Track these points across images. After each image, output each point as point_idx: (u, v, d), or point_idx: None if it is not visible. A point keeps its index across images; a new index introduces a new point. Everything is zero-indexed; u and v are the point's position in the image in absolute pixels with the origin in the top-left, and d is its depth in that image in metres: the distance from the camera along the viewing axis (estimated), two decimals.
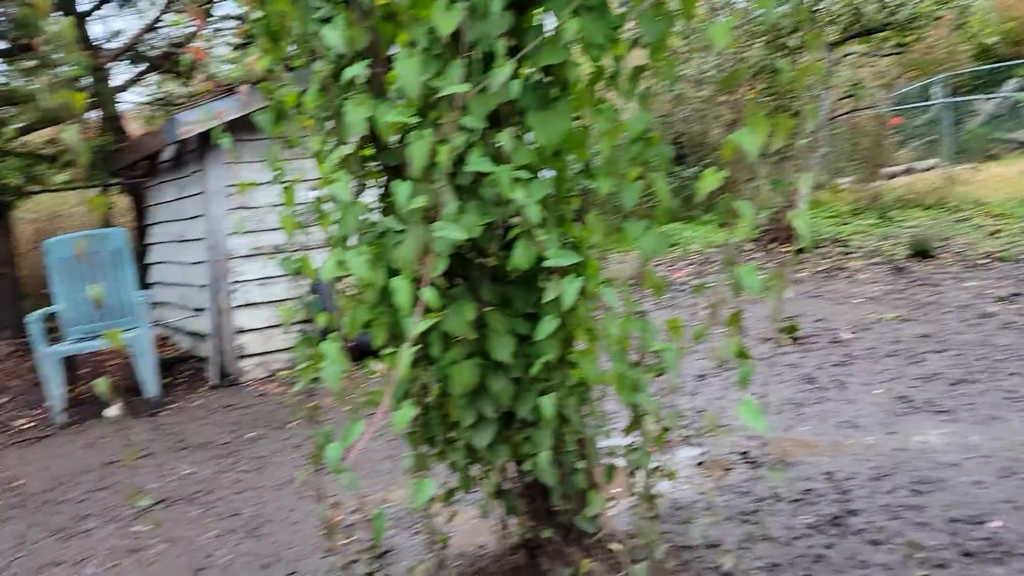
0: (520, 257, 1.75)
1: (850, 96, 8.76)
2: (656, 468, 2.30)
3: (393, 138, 2.05)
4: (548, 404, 1.94)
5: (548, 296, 1.75)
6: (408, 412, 1.60)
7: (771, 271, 1.82)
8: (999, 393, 3.97)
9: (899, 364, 4.63)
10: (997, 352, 4.61)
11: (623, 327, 1.87)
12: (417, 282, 1.84)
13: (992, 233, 8.55)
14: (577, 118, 2.00)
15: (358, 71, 1.66)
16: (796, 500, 3.08)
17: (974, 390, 4.07)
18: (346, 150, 1.76)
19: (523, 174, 1.69)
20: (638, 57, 2.02)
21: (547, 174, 2.07)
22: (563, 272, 1.84)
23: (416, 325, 1.59)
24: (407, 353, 1.54)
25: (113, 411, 2.04)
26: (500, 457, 2.32)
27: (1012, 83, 14.30)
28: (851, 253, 8.42)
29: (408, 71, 1.53)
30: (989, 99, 14.26)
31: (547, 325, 1.83)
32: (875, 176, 11.99)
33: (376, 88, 1.93)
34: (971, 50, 15.59)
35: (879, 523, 2.80)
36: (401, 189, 1.60)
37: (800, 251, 8.34)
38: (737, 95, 9.23)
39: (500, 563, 2.64)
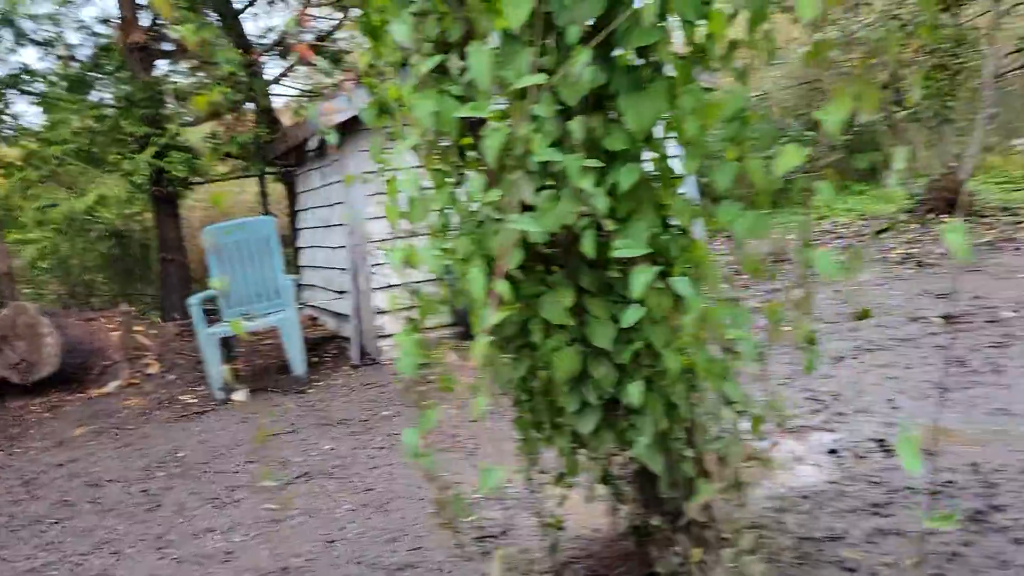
0: (589, 247, 1.73)
1: (1019, 51, 8.00)
2: (752, 457, 2.21)
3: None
4: (636, 391, 1.92)
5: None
6: (482, 403, 1.62)
7: (849, 251, 1.70)
8: None
9: None
10: None
11: (705, 315, 1.81)
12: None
13: None
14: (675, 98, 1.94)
15: (431, 64, 1.69)
16: (935, 492, 2.89)
17: None
18: (408, 143, 1.79)
19: (594, 163, 1.66)
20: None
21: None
22: (652, 261, 1.81)
23: (489, 317, 1.61)
24: (480, 344, 1.56)
25: (241, 395, 2.18)
26: (605, 443, 2.31)
27: None
28: (1022, 222, 7.73)
29: (479, 63, 1.53)
30: None
31: (633, 313, 1.80)
32: None
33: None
34: None
35: None
36: (475, 182, 1.62)
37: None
38: (891, 55, 8.63)
39: (610, 548, 2.64)
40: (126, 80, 8.79)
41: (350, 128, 6.06)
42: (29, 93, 8.66)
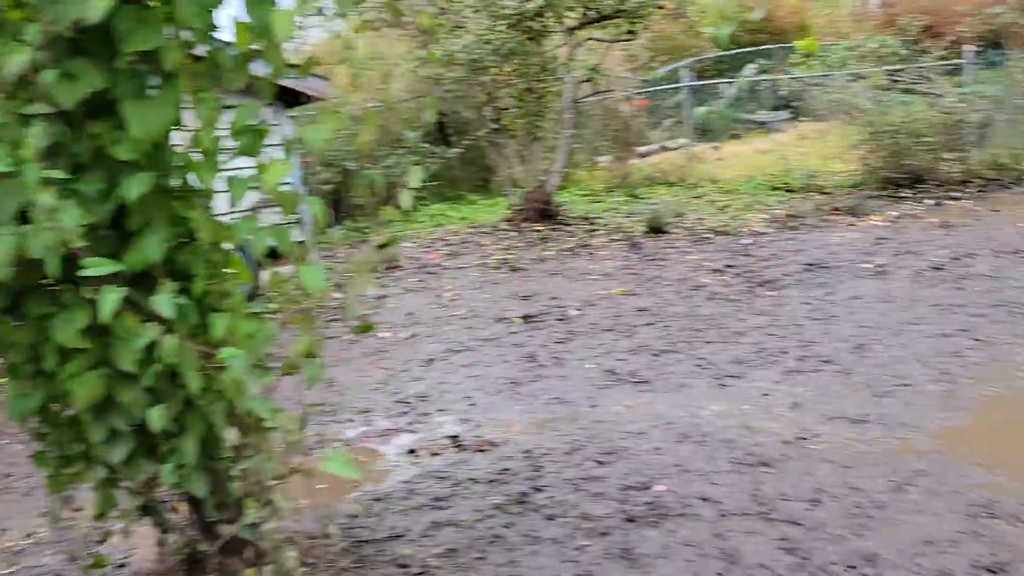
0: (54, 267, 1.60)
1: (588, 80, 9.14)
2: (294, 471, 2.22)
3: None
4: (156, 415, 1.82)
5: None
6: None
7: (355, 264, 1.79)
8: (692, 362, 4.29)
9: (614, 338, 4.89)
10: (699, 322, 5.00)
11: (225, 328, 1.77)
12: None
13: (721, 208, 9.28)
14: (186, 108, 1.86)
15: None
16: (492, 481, 3.14)
17: (672, 360, 4.37)
18: None
19: (58, 173, 1.53)
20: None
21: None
22: (171, 276, 1.72)
23: None
24: None
25: None
26: (141, 471, 2.16)
27: (751, 67, 15.57)
28: (596, 231, 8.82)
29: None
30: (730, 82, 15.44)
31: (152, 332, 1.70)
32: (629, 155, 12.68)
33: None
34: (712, 38, 16.88)
35: (559, 497, 2.91)
36: None
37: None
38: (490, 76, 9.35)
39: None
40: None
41: None
42: None
